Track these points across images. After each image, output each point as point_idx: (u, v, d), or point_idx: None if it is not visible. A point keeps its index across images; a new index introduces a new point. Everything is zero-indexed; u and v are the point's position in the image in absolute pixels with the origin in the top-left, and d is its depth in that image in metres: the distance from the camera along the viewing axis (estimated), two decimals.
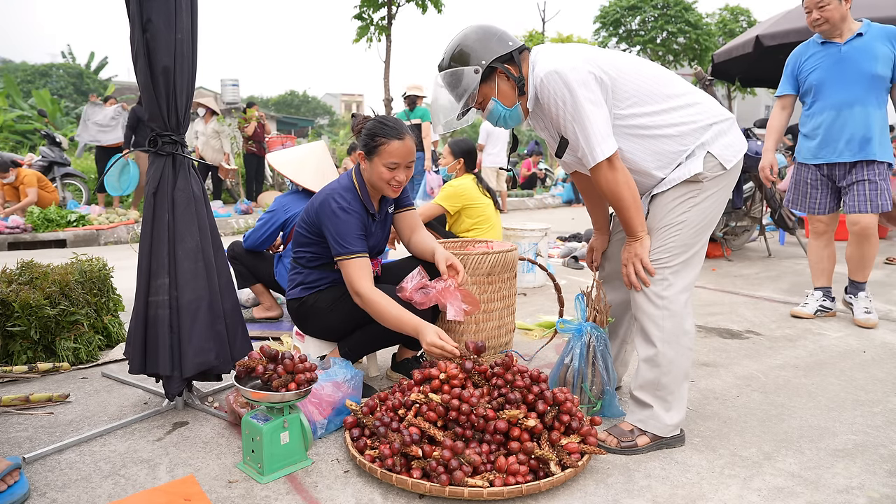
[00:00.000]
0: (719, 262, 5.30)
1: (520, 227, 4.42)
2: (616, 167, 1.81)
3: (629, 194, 1.82)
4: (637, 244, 1.88)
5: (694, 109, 1.87)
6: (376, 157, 2.11)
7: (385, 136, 2.09)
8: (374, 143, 2.11)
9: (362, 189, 2.21)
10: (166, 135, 2.04)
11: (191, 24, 2.01)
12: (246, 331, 2.23)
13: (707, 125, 1.87)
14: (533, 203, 11.83)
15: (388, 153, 2.09)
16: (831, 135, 3.22)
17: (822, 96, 3.25)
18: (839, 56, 3.18)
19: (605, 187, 1.83)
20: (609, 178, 1.81)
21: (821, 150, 3.27)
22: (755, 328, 3.29)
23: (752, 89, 14.63)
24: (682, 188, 1.86)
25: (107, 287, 2.99)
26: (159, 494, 1.64)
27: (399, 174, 2.13)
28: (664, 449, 1.90)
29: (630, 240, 1.90)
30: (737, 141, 1.90)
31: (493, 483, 1.59)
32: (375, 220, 2.28)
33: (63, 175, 8.83)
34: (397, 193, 2.20)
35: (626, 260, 1.91)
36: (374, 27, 9.75)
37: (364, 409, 1.89)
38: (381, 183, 2.15)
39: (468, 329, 2.52)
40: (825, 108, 3.23)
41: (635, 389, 1.94)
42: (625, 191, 1.82)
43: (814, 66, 3.27)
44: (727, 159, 1.85)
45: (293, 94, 45.24)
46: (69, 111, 23.09)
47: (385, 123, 2.12)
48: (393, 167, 2.11)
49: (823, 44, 3.25)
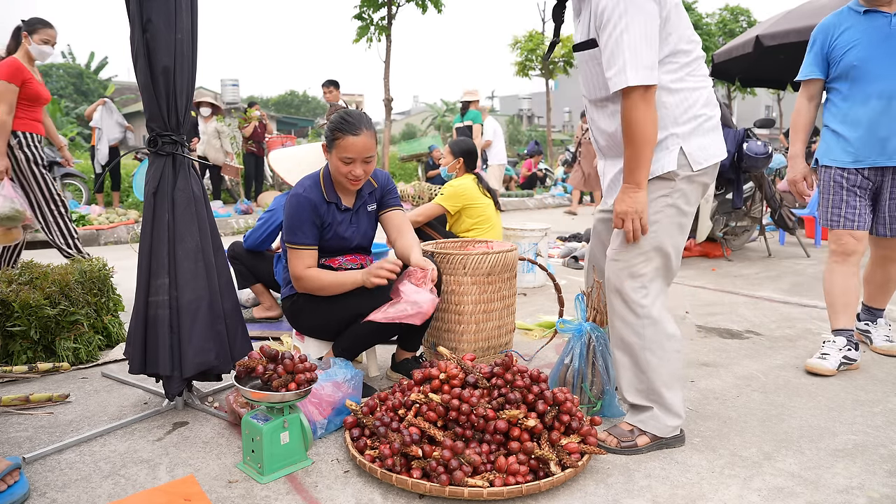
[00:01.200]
0: (719, 262, 5.30)
1: (520, 227, 4.42)
2: (649, 102, 1.67)
3: (652, 136, 1.70)
4: (640, 195, 1.76)
5: (695, 93, 1.79)
6: (334, 150, 2.17)
7: (342, 130, 2.13)
8: (332, 137, 2.17)
9: (326, 180, 2.27)
10: (166, 135, 2.04)
11: (191, 24, 2.01)
12: (246, 331, 2.23)
13: (692, 116, 1.79)
14: (533, 203, 11.83)
15: (344, 147, 2.13)
16: (877, 131, 2.52)
17: (864, 81, 2.54)
18: (889, 30, 2.49)
19: (630, 118, 1.68)
20: (640, 109, 1.66)
21: (862, 150, 2.57)
22: (755, 328, 3.29)
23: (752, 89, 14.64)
24: (655, 184, 1.81)
25: (107, 287, 2.99)
26: (159, 494, 1.64)
27: (355, 168, 2.16)
28: (664, 449, 1.90)
29: (631, 189, 1.77)
30: (713, 145, 1.83)
31: (493, 483, 1.59)
32: (343, 212, 2.29)
33: (63, 175, 8.83)
34: (355, 187, 2.23)
35: (625, 213, 1.78)
36: (374, 27, 9.75)
37: (364, 409, 1.89)
38: (339, 176, 2.20)
39: (468, 329, 2.52)
40: (869, 96, 2.52)
41: (630, 396, 1.93)
42: (650, 130, 1.69)
43: (852, 42, 2.54)
44: (697, 161, 1.80)
45: (293, 94, 45.23)
46: (69, 111, 23.09)
47: (345, 118, 2.16)
48: (348, 161, 2.15)
49: (866, 13, 2.55)
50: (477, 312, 2.52)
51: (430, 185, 8.64)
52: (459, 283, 2.49)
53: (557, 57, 14.62)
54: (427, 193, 8.13)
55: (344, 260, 2.35)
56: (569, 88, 33.46)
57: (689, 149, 1.79)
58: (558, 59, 14.74)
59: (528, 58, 15.01)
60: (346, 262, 2.35)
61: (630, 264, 1.85)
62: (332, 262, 2.33)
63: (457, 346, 2.54)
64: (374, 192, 2.38)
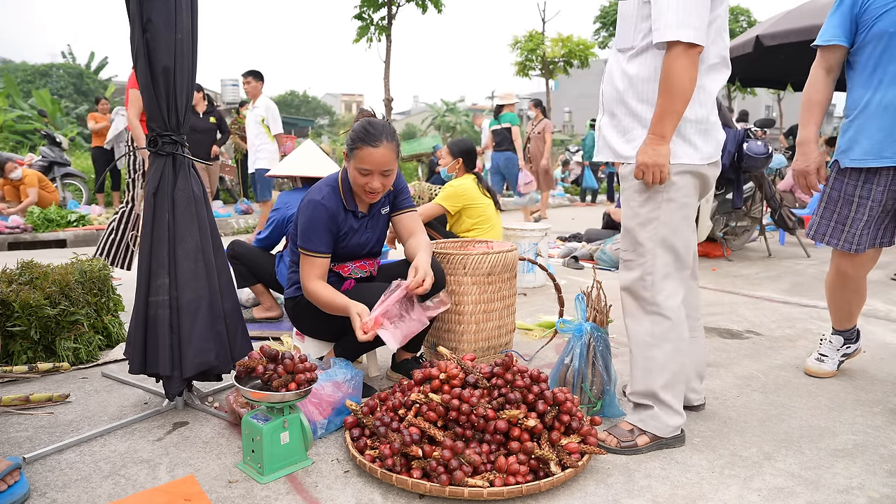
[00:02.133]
0: (719, 262, 5.30)
1: (520, 227, 4.42)
2: (693, 60, 1.66)
3: (688, 92, 1.68)
4: (663, 148, 1.73)
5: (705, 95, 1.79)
6: (353, 160, 2.10)
7: (362, 140, 2.05)
8: (352, 146, 2.09)
9: (345, 186, 2.21)
10: (166, 135, 2.04)
11: (191, 24, 2.01)
12: (246, 331, 2.23)
13: (692, 118, 1.79)
14: None
15: (361, 158, 2.06)
16: None
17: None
18: None
19: (670, 69, 1.66)
20: (682, 62, 1.65)
21: (890, 145, 2.11)
22: (755, 328, 3.29)
23: (752, 89, 14.63)
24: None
25: (107, 287, 2.99)
26: (159, 494, 1.64)
27: (372, 181, 2.09)
28: (664, 449, 1.90)
29: (655, 141, 1.73)
30: (685, 155, 1.79)
31: (494, 483, 1.59)
32: (360, 218, 2.26)
33: (63, 175, 8.83)
34: (373, 200, 2.17)
35: (646, 166, 1.75)
36: (374, 27, 9.74)
37: (364, 409, 1.89)
38: (356, 187, 2.14)
39: (468, 329, 2.52)
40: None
41: (631, 395, 1.94)
42: (688, 86, 1.68)
43: (890, 4, 2.07)
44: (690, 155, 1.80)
45: (293, 94, 45.24)
46: (69, 111, 23.08)
47: (367, 128, 2.06)
48: (365, 173, 2.08)
49: None
50: (477, 312, 2.52)
51: (430, 185, 8.61)
52: (459, 283, 2.49)
53: (557, 57, 14.61)
54: (427, 193, 8.11)
55: (354, 267, 2.32)
56: (569, 88, 33.48)
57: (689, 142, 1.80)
58: (558, 59, 14.74)
59: (528, 58, 14.99)
60: (355, 270, 2.32)
61: (638, 262, 1.86)
62: (342, 269, 2.30)
63: (457, 346, 2.54)
64: (389, 194, 2.34)
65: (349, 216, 2.23)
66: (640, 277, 1.85)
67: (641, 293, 1.86)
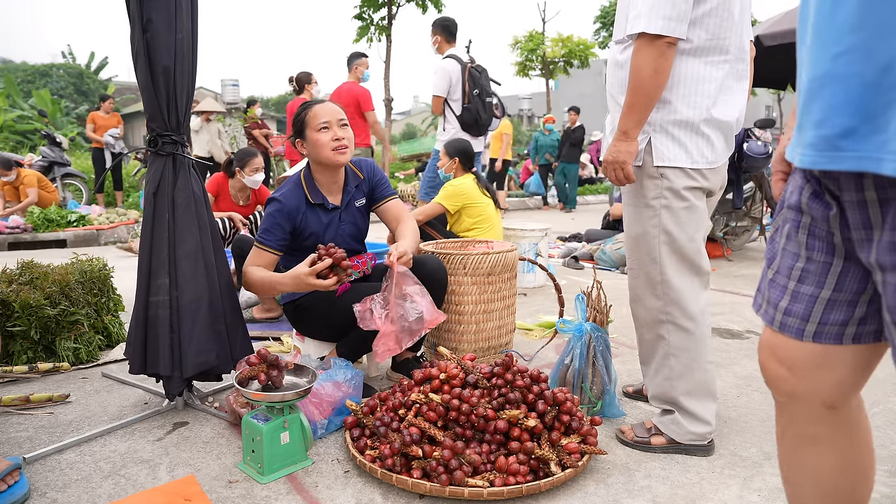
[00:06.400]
0: (719, 262, 5.30)
1: (520, 227, 4.41)
2: (659, 52, 1.57)
3: (652, 88, 1.61)
4: (625, 145, 1.68)
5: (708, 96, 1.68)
6: (307, 130, 2.17)
7: (304, 108, 2.17)
8: (299, 120, 2.19)
9: (308, 180, 2.24)
10: (166, 135, 2.04)
11: (191, 24, 2.01)
12: (246, 331, 2.23)
13: (681, 118, 1.69)
14: (533, 203, 11.82)
15: (314, 116, 2.15)
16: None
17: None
18: None
19: (634, 63, 1.60)
20: (645, 55, 1.57)
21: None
22: (755, 328, 3.29)
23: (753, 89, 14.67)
24: (643, 182, 1.76)
25: (107, 287, 2.99)
26: (159, 494, 1.64)
27: (337, 132, 2.15)
28: (680, 454, 1.86)
29: (617, 138, 1.69)
30: (675, 158, 1.70)
31: (494, 483, 1.59)
32: (331, 211, 2.26)
33: (63, 175, 8.83)
34: (345, 154, 2.17)
35: (607, 162, 1.71)
36: (374, 27, 9.75)
37: (364, 409, 1.89)
38: (326, 151, 2.15)
39: (468, 329, 2.52)
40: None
41: (653, 399, 1.91)
42: (651, 81, 1.59)
43: None
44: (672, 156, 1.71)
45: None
46: (69, 111, 23.10)
47: (304, 103, 2.20)
48: (325, 128, 2.14)
49: None
50: (477, 312, 2.52)
51: None
52: (459, 283, 2.49)
53: (558, 57, 14.61)
54: None
55: None
56: (569, 88, 33.44)
57: (657, 141, 1.73)
58: (558, 59, 14.74)
59: (528, 58, 15.00)
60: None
61: (645, 272, 1.82)
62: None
63: (457, 346, 2.54)
64: (361, 185, 2.34)
65: (316, 210, 2.23)
66: (650, 285, 1.81)
67: (652, 302, 1.82)
